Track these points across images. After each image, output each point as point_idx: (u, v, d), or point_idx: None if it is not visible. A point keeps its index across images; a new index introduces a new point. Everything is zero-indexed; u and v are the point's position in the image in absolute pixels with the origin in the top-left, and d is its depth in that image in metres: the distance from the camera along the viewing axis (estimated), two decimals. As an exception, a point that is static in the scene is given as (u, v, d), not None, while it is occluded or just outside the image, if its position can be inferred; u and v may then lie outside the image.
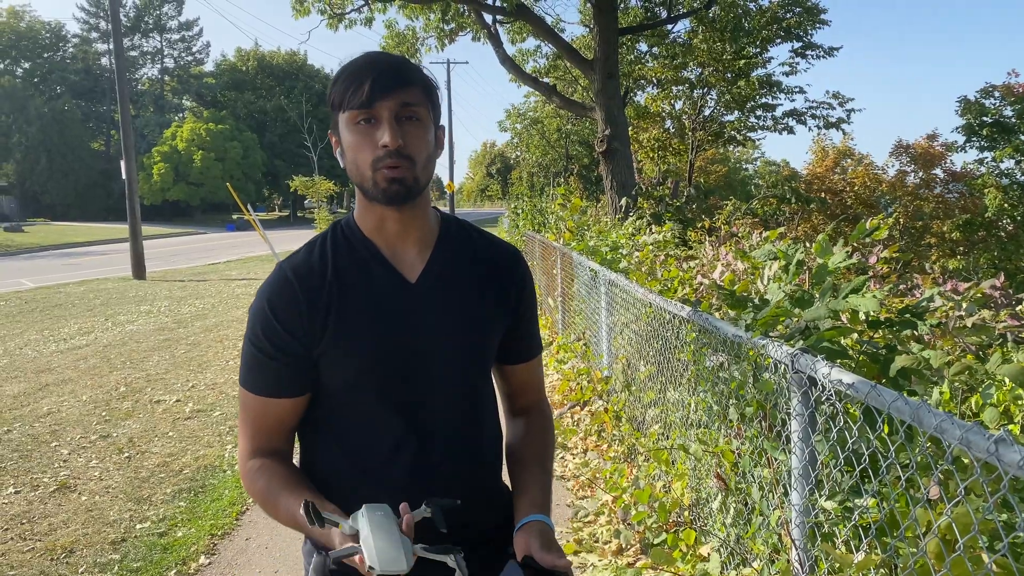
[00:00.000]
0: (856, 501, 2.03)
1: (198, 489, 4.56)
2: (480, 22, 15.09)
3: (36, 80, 55.18)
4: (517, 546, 1.29)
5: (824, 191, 24.14)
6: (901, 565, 1.81)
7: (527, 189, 24.70)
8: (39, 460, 5.07)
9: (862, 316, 2.47)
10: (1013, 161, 22.33)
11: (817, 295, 2.57)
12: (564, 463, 4.76)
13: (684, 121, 24.51)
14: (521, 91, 57.62)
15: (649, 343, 4.33)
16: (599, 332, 5.77)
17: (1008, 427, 2.19)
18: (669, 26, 19.05)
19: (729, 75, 21.24)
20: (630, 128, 17.55)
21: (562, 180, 36.20)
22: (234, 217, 48.48)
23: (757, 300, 2.82)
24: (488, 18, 15.01)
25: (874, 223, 3.13)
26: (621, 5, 16.59)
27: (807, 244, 3.50)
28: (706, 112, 24.22)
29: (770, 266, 3.34)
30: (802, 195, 19.29)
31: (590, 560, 3.37)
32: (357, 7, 14.89)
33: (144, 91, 60.03)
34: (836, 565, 2.00)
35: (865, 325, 2.52)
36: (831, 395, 2.06)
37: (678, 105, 24.77)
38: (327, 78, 63.67)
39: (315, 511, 1.09)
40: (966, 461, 1.88)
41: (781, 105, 24.10)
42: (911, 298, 3.78)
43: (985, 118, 22.27)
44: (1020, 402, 2.38)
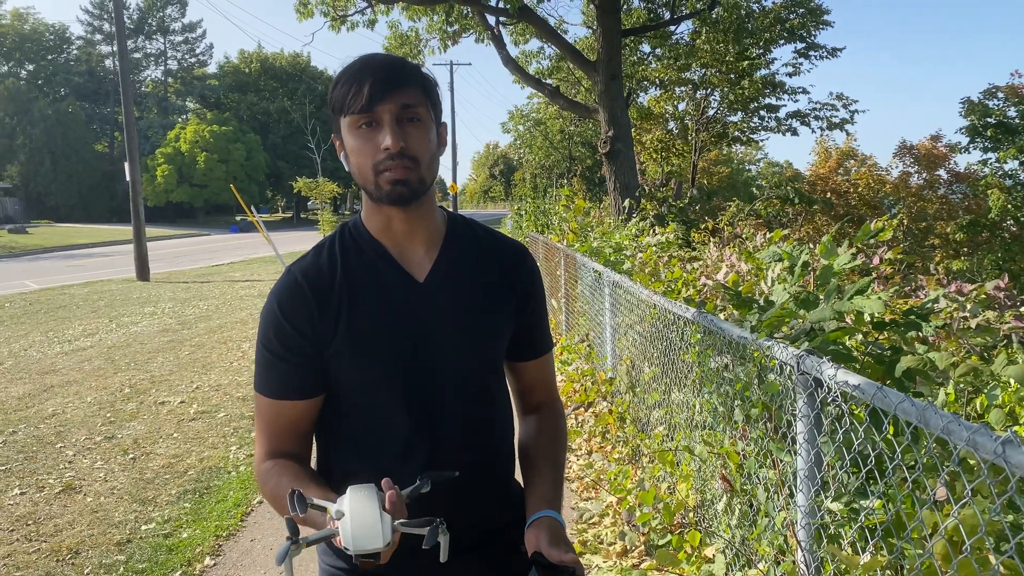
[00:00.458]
0: (862, 502, 2.03)
1: (203, 490, 4.56)
2: (483, 24, 15.11)
3: (40, 82, 55.33)
4: (527, 542, 1.30)
5: (828, 192, 24.14)
6: (907, 566, 1.81)
7: (530, 190, 24.72)
8: (44, 461, 5.08)
9: (867, 318, 2.47)
10: (1017, 162, 22.28)
11: (822, 296, 2.57)
12: (568, 465, 4.76)
13: (687, 122, 24.52)
14: (524, 92, 57.62)
15: (653, 344, 4.33)
16: (603, 333, 5.77)
17: (1015, 428, 2.19)
18: (672, 27, 19.07)
19: (732, 76, 21.24)
20: (633, 129, 17.54)
21: (565, 181, 36.20)
22: (237, 219, 48.50)
23: (762, 301, 2.82)
24: (491, 20, 15.03)
25: (878, 224, 3.13)
26: (624, 6, 16.60)
27: (811, 245, 3.50)
28: (709, 113, 24.22)
29: (774, 267, 3.34)
30: (805, 196, 19.26)
31: (595, 562, 3.37)
32: (360, 9, 14.92)
33: (148, 93, 60.16)
34: (842, 566, 2.00)
35: (870, 327, 2.52)
36: (837, 396, 2.06)
37: (681, 106, 24.78)
38: (330, 80, 62.13)
39: (300, 499, 1.08)
40: (972, 462, 1.88)
41: (784, 106, 24.12)
42: (915, 299, 3.78)
43: (989, 119, 22.23)
44: (1026, 403, 2.38)
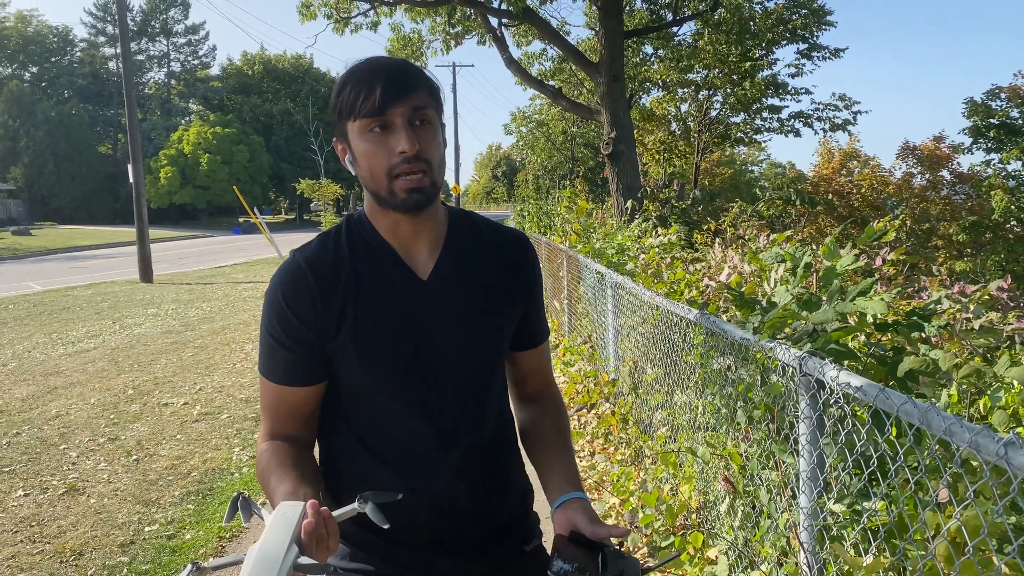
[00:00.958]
0: (865, 504, 2.03)
1: (206, 492, 4.57)
2: (486, 25, 15.12)
3: (44, 84, 55.43)
4: (558, 523, 1.30)
5: (831, 193, 24.11)
6: (910, 568, 1.81)
7: (533, 192, 24.71)
8: (48, 463, 5.09)
9: (869, 319, 2.46)
10: (1020, 163, 22.26)
11: (825, 298, 2.57)
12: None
13: (690, 123, 24.51)
14: (527, 94, 57.63)
15: (656, 346, 4.32)
16: (606, 335, 5.77)
17: (1017, 430, 2.18)
18: (674, 28, 19.07)
19: (735, 77, 21.24)
20: (636, 130, 17.55)
21: (568, 183, 36.21)
22: (240, 220, 48.57)
23: (764, 303, 2.82)
24: (494, 21, 15.04)
25: (880, 226, 3.13)
26: (627, 8, 16.61)
27: (814, 246, 3.49)
28: (712, 114, 24.22)
29: (777, 268, 3.34)
30: (807, 197, 19.24)
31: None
32: (363, 11, 14.94)
33: (151, 95, 60.23)
34: (845, 568, 1.99)
35: (873, 328, 2.52)
36: (839, 398, 2.06)
37: (684, 107, 24.78)
38: (333, 81, 62.77)
39: (244, 504, 1.05)
40: (975, 464, 1.88)
41: (787, 107, 24.11)
42: (918, 300, 3.78)
43: (992, 120, 22.22)
44: (1029, 405, 2.37)
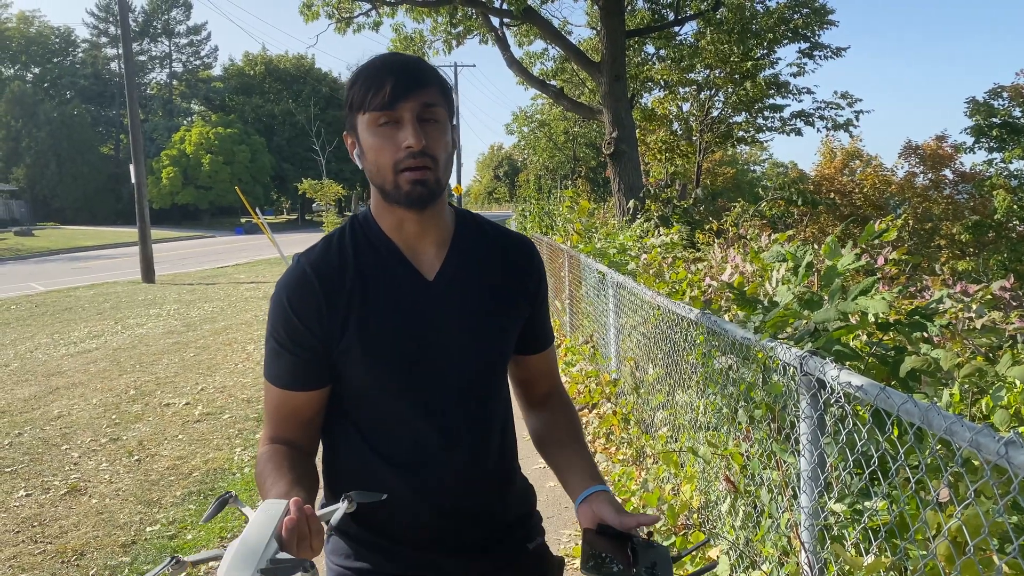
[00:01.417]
0: (865, 503, 2.03)
1: (208, 492, 4.57)
2: (487, 25, 15.12)
3: (46, 85, 55.50)
4: (584, 517, 1.30)
5: (833, 192, 24.10)
6: (911, 567, 1.80)
7: (534, 191, 24.73)
8: (50, 463, 5.09)
9: (871, 318, 2.46)
10: (1022, 162, 22.23)
11: (826, 297, 2.57)
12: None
13: (691, 123, 24.49)
14: (528, 94, 57.65)
15: (658, 345, 4.32)
16: (607, 335, 5.77)
17: (1019, 429, 2.18)
18: (676, 28, 19.06)
19: (737, 77, 21.22)
20: (637, 130, 17.53)
21: (569, 182, 36.21)
22: (243, 220, 48.61)
23: (766, 302, 2.82)
24: (495, 21, 15.04)
25: (883, 225, 3.12)
26: (628, 7, 16.60)
27: (816, 246, 3.49)
28: (714, 114, 24.19)
29: (779, 268, 3.34)
30: (809, 197, 19.23)
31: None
32: (365, 11, 14.95)
33: (153, 95, 60.29)
34: (846, 568, 1.99)
35: (874, 327, 2.51)
36: (840, 397, 2.06)
37: (685, 107, 24.76)
38: (335, 82, 63.86)
39: (219, 505, 1.06)
40: (976, 463, 1.88)
41: (789, 106, 24.08)
42: (920, 300, 3.77)
43: (994, 119, 22.19)
44: (1031, 404, 2.37)
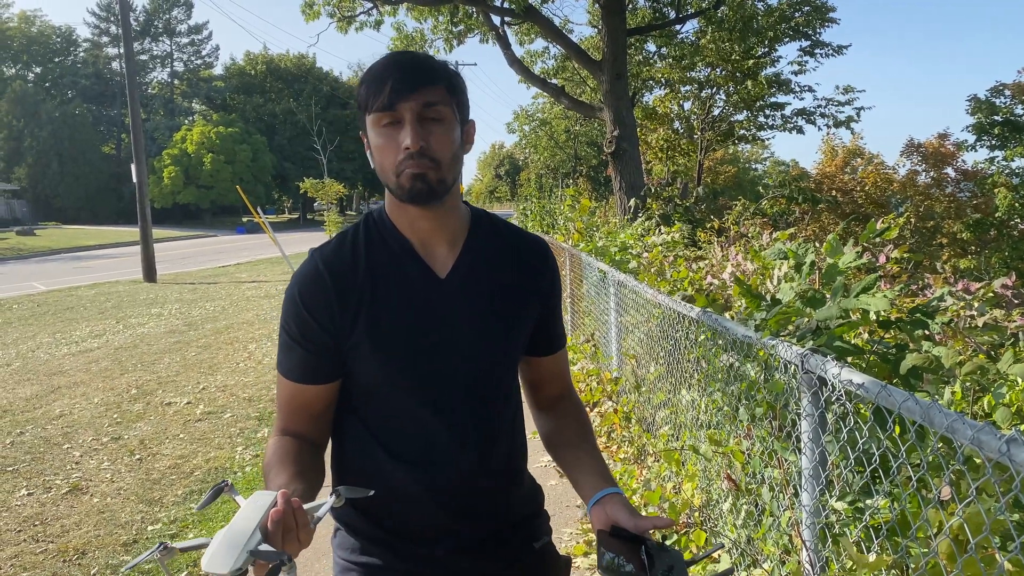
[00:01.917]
0: (867, 501, 2.03)
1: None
2: (488, 24, 15.11)
3: (47, 84, 55.56)
4: (597, 519, 1.29)
5: (834, 190, 24.06)
6: (913, 566, 1.80)
7: (535, 190, 24.67)
8: (51, 462, 5.10)
9: (873, 316, 2.46)
10: (1024, 160, 22.21)
11: (828, 295, 2.56)
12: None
13: (693, 121, 24.47)
14: (529, 92, 57.63)
15: (659, 344, 4.32)
16: (608, 333, 5.76)
17: (1020, 427, 2.18)
18: (677, 26, 19.03)
19: (738, 75, 21.19)
20: (639, 129, 17.53)
21: (571, 181, 36.20)
22: (244, 220, 48.61)
23: (768, 300, 2.81)
24: (496, 20, 15.03)
25: (884, 223, 3.12)
26: (629, 6, 16.58)
27: (817, 244, 3.49)
28: (715, 112, 24.18)
29: (780, 266, 3.33)
30: (810, 195, 19.22)
31: (600, 561, 3.36)
32: (366, 10, 14.95)
33: (154, 95, 60.31)
34: (847, 566, 1.99)
35: (876, 325, 2.51)
36: (841, 395, 2.06)
37: (687, 106, 24.74)
38: (336, 81, 63.88)
39: (214, 493, 1.06)
40: (978, 461, 1.87)
41: (790, 104, 24.09)
42: (922, 298, 3.76)
43: (996, 117, 22.16)
44: (1032, 402, 2.36)
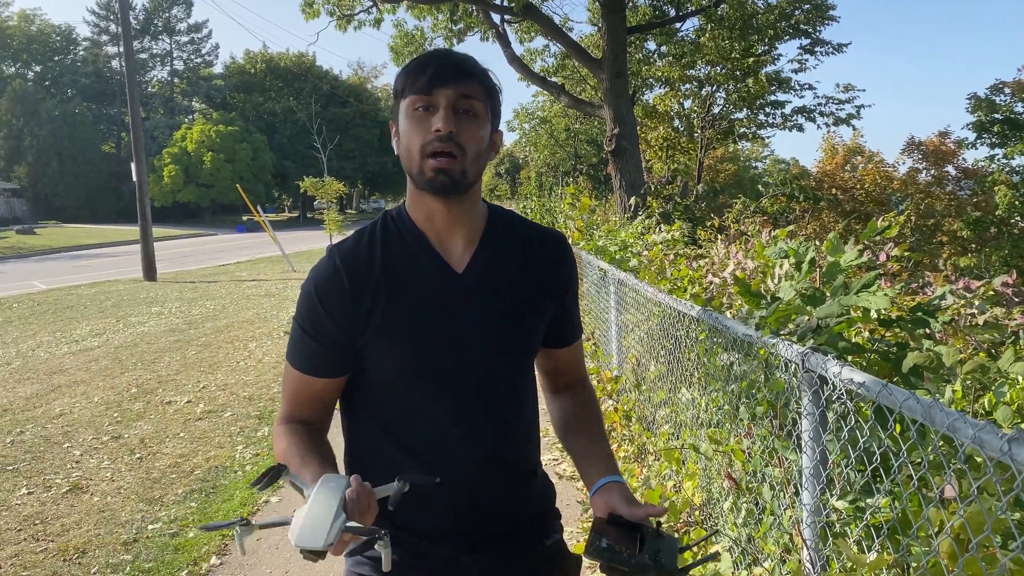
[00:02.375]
0: (868, 500, 2.02)
1: (209, 490, 4.57)
2: (488, 22, 15.11)
3: (47, 83, 55.54)
4: (597, 507, 1.32)
5: (835, 189, 24.07)
6: (914, 565, 1.80)
7: (536, 188, 24.70)
8: (51, 461, 5.10)
9: (873, 314, 2.45)
10: (1024, 158, 22.19)
11: (829, 293, 2.56)
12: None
13: (693, 120, 24.46)
14: (529, 91, 57.63)
15: (659, 342, 4.32)
16: (609, 331, 5.76)
17: (1022, 426, 2.17)
18: (677, 24, 19.02)
19: (738, 73, 21.18)
20: (639, 127, 17.51)
21: (571, 179, 36.19)
22: (244, 218, 48.62)
23: (769, 298, 2.81)
24: (496, 18, 15.02)
25: (885, 221, 3.11)
26: (629, 4, 16.56)
27: (817, 242, 3.48)
28: (715, 110, 24.16)
29: (781, 264, 3.33)
30: (811, 193, 19.21)
31: (601, 560, 3.36)
32: (366, 8, 14.94)
33: (154, 93, 60.30)
34: (848, 565, 1.98)
35: (876, 323, 2.50)
36: (842, 394, 2.05)
37: (687, 104, 24.73)
38: (336, 79, 63.88)
39: (272, 476, 1.10)
40: (979, 460, 1.87)
41: (790, 102, 24.08)
42: (923, 296, 3.76)
43: (996, 115, 22.15)
44: (1033, 400, 2.36)
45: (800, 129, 24.22)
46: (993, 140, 22.75)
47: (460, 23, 15.61)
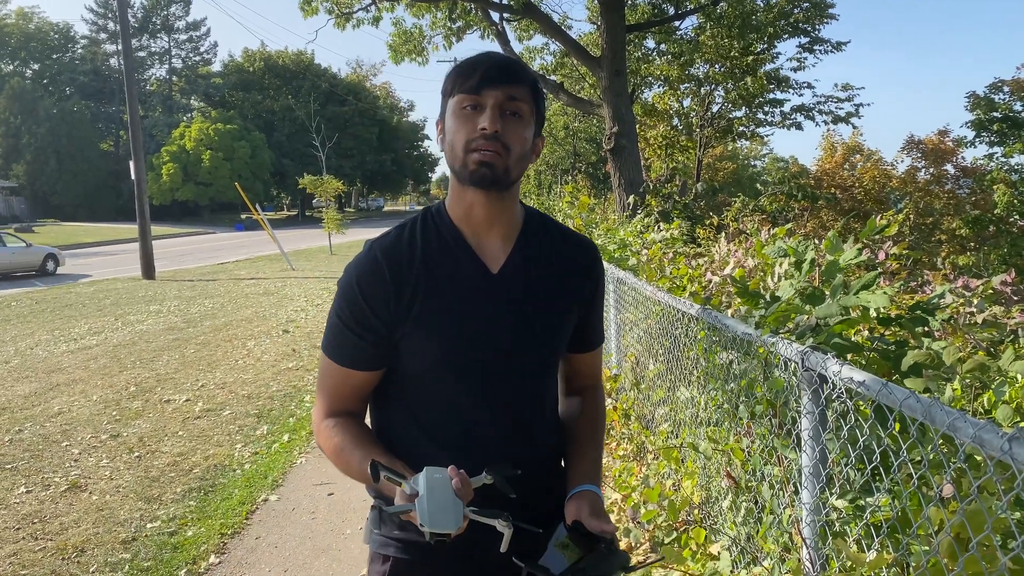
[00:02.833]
0: (867, 499, 2.02)
1: (208, 488, 4.57)
2: (487, 20, 15.09)
3: (45, 81, 55.43)
4: (567, 512, 1.37)
5: (833, 187, 24.07)
6: (914, 564, 1.80)
7: (535, 187, 24.68)
8: (50, 460, 5.09)
9: (873, 313, 2.45)
10: (1023, 157, 22.19)
11: (828, 292, 2.55)
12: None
13: (692, 118, 24.45)
14: (528, 89, 57.34)
15: (658, 341, 4.31)
16: (608, 330, 5.76)
17: (1021, 425, 2.17)
18: (676, 23, 19.00)
19: (737, 72, 21.17)
20: (637, 125, 17.50)
21: (569, 178, 36.17)
22: (243, 217, 48.58)
23: (768, 297, 2.81)
24: (495, 16, 15.01)
25: (884, 220, 3.11)
26: (628, 2, 16.55)
27: (816, 241, 3.48)
28: (714, 109, 24.15)
29: (780, 263, 3.32)
30: (810, 191, 19.20)
31: (600, 559, 3.35)
32: (364, 6, 14.90)
33: (152, 92, 60.18)
34: (848, 564, 1.98)
35: (876, 322, 2.50)
36: (842, 393, 2.05)
37: (686, 102, 24.71)
38: (334, 77, 63.83)
39: (378, 468, 1.16)
40: (979, 459, 1.87)
41: (789, 101, 24.07)
42: (922, 295, 3.76)
43: (995, 113, 22.15)
44: (1033, 399, 2.36)
45: (799, 127, 24.23)
46: (992, 138, 22.76)
47: (459, 21, 15.58)
